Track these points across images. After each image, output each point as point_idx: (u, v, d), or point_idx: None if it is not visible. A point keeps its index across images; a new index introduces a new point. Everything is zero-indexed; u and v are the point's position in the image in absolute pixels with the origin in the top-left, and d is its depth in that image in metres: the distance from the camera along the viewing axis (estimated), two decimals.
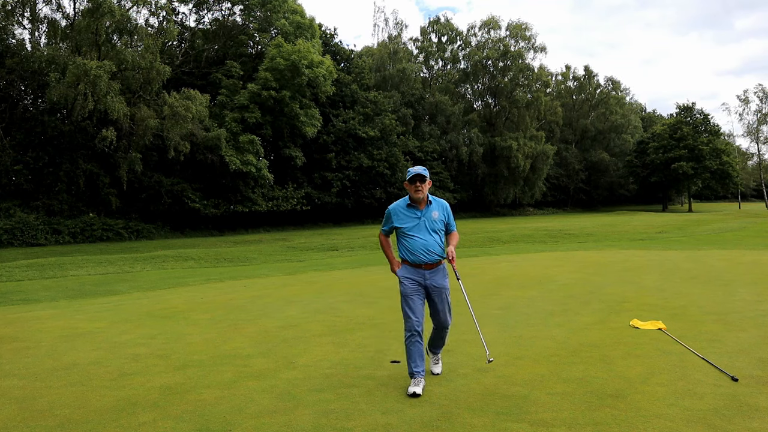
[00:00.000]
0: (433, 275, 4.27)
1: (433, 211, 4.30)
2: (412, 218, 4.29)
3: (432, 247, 4.24)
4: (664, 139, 59.98)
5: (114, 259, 17.33)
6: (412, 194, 4.27)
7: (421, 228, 4.26)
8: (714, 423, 3.34)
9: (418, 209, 4.29)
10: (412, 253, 4.26)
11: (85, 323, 7.18)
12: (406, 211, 4.32)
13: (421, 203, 4.29)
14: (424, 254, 4.23)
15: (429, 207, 4.30)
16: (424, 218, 4.27)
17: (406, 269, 4.31)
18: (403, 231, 4.31)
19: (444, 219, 4.37)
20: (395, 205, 4.43)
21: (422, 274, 4.26)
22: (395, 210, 4.39)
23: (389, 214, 4.41)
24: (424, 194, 4.26)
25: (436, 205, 4.35)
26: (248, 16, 37.97)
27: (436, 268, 4.29)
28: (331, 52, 41.60)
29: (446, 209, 4.41)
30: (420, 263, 4.25)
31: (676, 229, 25.53)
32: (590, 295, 8.02)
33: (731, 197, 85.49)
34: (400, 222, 4.31)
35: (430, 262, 4.25)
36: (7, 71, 28.22)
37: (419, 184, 4.22)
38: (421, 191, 4.21)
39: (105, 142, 26.93)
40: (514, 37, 55.33)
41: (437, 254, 4.26)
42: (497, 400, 3.84)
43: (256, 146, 32.86)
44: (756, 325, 5.83)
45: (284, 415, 3.70)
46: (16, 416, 3.79)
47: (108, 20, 27.33)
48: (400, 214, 4.34)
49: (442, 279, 4.30)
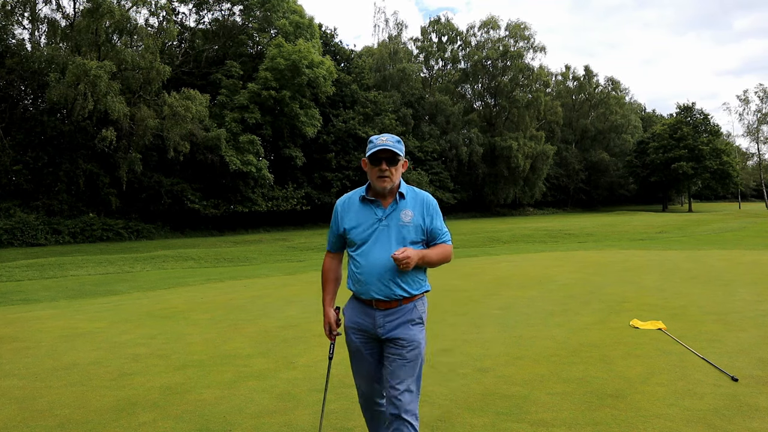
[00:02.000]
0: (391, 321, 2.64)
1: (404, 210, 2.67)
2: (368, 220, 2.69)
3: (392, 271, 2.60)
4: (664, 139, 59.98)
5: (114, 259, 17.33)
6: (373, 181, 2.66)
7: (381, 237, 2.64)
8: (714, 423, 3.34)
9: (379, 206, 2.70)
10: (358, 280, 2.68)
11: (85, 323, 7.18)
12: (361, 208, 2.73)
13: (386, 197, 2.71)
14: (378, 283, 2.61)
15: (398, 204, 2.69)
16: (388, 221, 2.65)
17: (352, 308, 2.80)
18: (352, 240, 2.71)
19: (423, 224, 2.68)
20: (346, 199, 2.83)
21: (371, 317, 2.67)
22: (345, 206, 2.79)
23: (336, 214, 2.82)
24: (394, 183, 2.66)
25: (412, 200, 2.72)
26: (248, 16, 37.96)
27: (397, 309, 2.64)
28: (331, 52, 41.61)
29: (429, 207, 2.73)
30: (369, 298, 2.65)
31: (676, 229, 25.53)
32: (590, 295, 8.02)
33: (731, 197, 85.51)
34: (348, 225, 2.74)
35: (387, 299, 2.62)
36: (7, 71, 28.22)
37: (386, 166, 2.62)
38: (388, 178, 2.63)
39: (105, 142, 26.92)
40: (513, 37, 55.34)
41: (402, 286, 2.63)
42: (497, 400, 3.84)
43: (256, 146, 32.86)
44: (756, 325, 5.83)
45: (284, 415, 3.70)
46: (16, 416, 3.79)
47: (108, 20, 27.32)
48: (352, 212, 2.75)
49: (405, 329, 2.64)
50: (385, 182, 2.64)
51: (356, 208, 2.76)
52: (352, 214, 2.75)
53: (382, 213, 2.69)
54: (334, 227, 2.83)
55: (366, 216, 2.70)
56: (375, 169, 2.65)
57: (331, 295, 2.87)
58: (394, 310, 2.65)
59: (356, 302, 2.77)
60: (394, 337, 2.64)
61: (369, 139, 2.73)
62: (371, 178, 2.68)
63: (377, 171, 2.64)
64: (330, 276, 2.89)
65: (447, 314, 6.96)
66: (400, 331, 2.64)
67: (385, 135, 2.69)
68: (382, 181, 2.64)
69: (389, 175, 2.64)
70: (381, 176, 2.64)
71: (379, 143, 2.63)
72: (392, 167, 2.65)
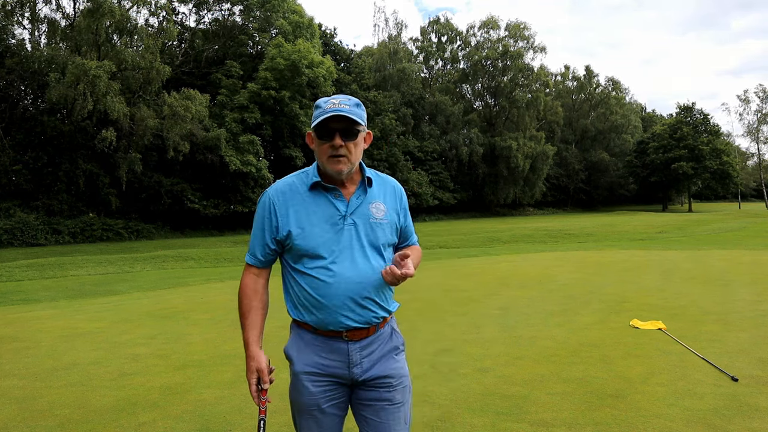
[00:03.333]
0: (370, 354, 1.93)
1: (374, 203, 1.95)
2: (326, 218, 1.89)
3: (369, 287, 1.88)
4: (664, 139, 60.02)
5: (114, 259, 17.33)
6: (323, 162, 1.89)
7: (346, 243, 1.88)
8: (714, 423, 3.34)
9: (340, 197, 1.91)
10: (317, 305, 1.87)
11: (85, 323, 7.18)
12: (312, 200, 1.91)
13: (346, 184, 1.94)
14: (352, 305, 1.86)
15: (365, 193, 1.95)
16: (354, 218, 1.90)
17: (305, 346, 1.95)
18: (301, 250, 1.88)
19: (398, 221, 2.03)
20: (284, 187, 1.96)
21: (342, 353, 1.90)
22: (285, 197, 1.93)
23: (268, 211, 1.95)
24: (353, 165, 1.90)
25: (380, 188, 2.01)
26: (248, 16, 37.99)
27: (375, 337, 1.95)
28: (331, 52, 41.65)
29: (402, 198, 2.07)
30: (339, 328, 1.88)
31: (676, 229, 25.54)
32: (590, 295, 8.02)
33: (731, 197, 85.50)
34: (294, 226, 1.89)
35: (366, 324, 1.90)
36: (7, 71, 28.22)
37: (341, 140, 1.84)
38: (345, 158, 1.86)
39: (105, 143, 26.94)
40: (513, 37, 55.40)
41: (380, 303, 1.93)
42: (497, 400, 3.84)
43: (256, 146, 32.88)
44: (756, 325, 5.82)
45: (284, 415, 3.70)
46: (16, 416, 3.79)
47: (108, 20, 27.34)
48: (297, 206, 1.91)
49: (389, 361, 1.97)
50: (340, 164, 1.85)
51: (304, 200, 1.91)
52: (298, 208, 1.90)
53: (344, 207, 1.90)
54: (268, 229, 1.94)
55: (322, 212, 1.89)
56: (325, 146, 1.86)
57: (257, 331, 1.95)
58: (372, 338, 1.93)
59: (311, 337, 1.92)
60: (377, 376, 1.92)
61: (315, 104, 1.90)
62: (320, 158, 1.89)
63: (328, 148, 1.85)
64: (255, 303, 1.96)
65: (447, 314, 6.96)
66: (384, 366, 1.93)
67: (337, 96, 1.87)
68: (335, 162, 1.85)
69: (345, 154, 1.85)
70: (334, 155, 1.85)
71: (329, 107, 1.82)
72: (350, 142, 1.85)
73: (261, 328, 1.97)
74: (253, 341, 1.93)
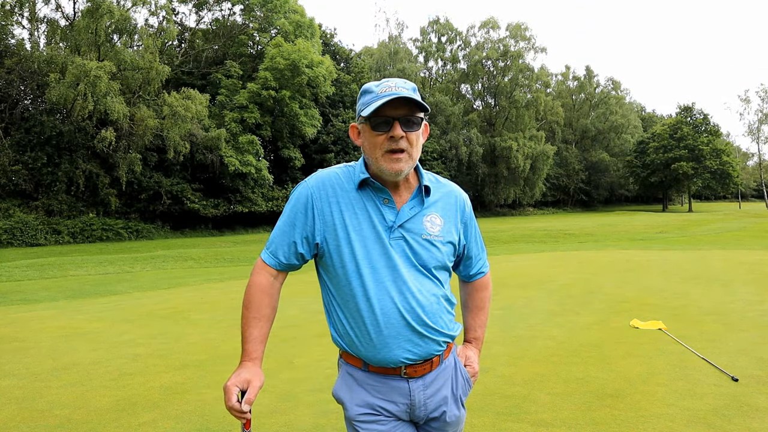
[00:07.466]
0: (434, 392, 1.63)
1: (430, 215, 1.60)
2: (371, 225, 1.56)
3: (428, 309, 1.57)
4: (664, 139, 60.05)
5: (114, 259, 17.33)
6: (377, 161, 1.53)
7: (393, 260, 1.54)
8: (714, 423, 3.34)
9: (390, 204, 1.57)
10: (367, 336, 1.55)
11: (85, 323, 7.18)
12: (356, 199, 1.58)
13: (400, 187, 1.59)
14: (409, 335, 1.55)
15: (422, 204, 1.60)
16: (403, 231, 1.56)
17: (357, 386, 1.61)
18: (339, 263, 1.57)
19: (457, 237, 1.68)
20: (327, 180, 1.62)
21: (403, 394, 1.59)
22: (329, 193, 1.59)
23: (303, 204, 1.61)
24: (415, 161, 1.56)
25: (439, 198, 1.65)
26: (248, 16, 37.98)
27: (439, 371, 1.64)
28: (330, 52, 41.61)
29: (465, 211, 1.74)
30: (395, 363, 1.56)
31: (676, 229, 25.54)
32: (590, 295, 8.02)
33: (731, 197, 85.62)
34: (334, 231, 1.57)
35: (427, 357, 1.59)
36: (6, 71, 28.21)
37: (400, 129, 1.48)
38: (406, 153, 1.51)
39: (104, 143, 26.95)
40: (513, 38, 55.43)
41: (442, 330, 1.61)
42: (497, 400, 3.84)
43: (255, 147, 32.88)
44: (756, 325, 5.83)
45: (284, 415, 3.70)
46: (16, 416, 3.79)
47: (108, 20, 27.35)
48: (340, 205, 1.58)
49: (451, 401, 1.66)
50: (400, 162, 1.49)
51: (350, 200, 1.57)
52: (343, 209, 1.56)
53: (394, 216, 1.55)
54: (300, 228, 1.59)
55: (367, 218, 1.55)
56: (380, 138, 1.49)
57: (261, 340, 1.57)
58: (435, 373, 1.62)
59: (365, 375, 1.59)
60: (439, 416, 1.63)
61: (363, 90, 1.55)
62: (372, 153, 1.53)
63: (385, 141, 1.49)
64: (265, 311, 1.59)
65: None
66: (449, 406, 1.63)
67: (392, 79, 1.51)
68: (393, 160, 1.49)
69: (406, 148, 1.50)
70: (393, 150, 1.48)
71: (385, 91, 1.47)
72: (411, 133, 1.50)
73: (265, 338, 1.59)
74: (250, 351, 1.55)
